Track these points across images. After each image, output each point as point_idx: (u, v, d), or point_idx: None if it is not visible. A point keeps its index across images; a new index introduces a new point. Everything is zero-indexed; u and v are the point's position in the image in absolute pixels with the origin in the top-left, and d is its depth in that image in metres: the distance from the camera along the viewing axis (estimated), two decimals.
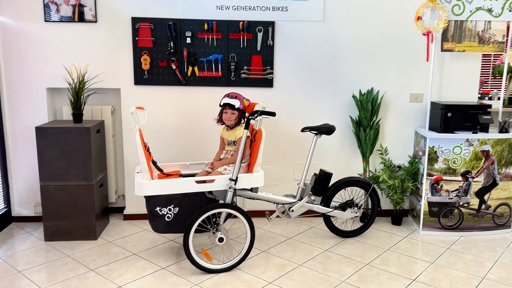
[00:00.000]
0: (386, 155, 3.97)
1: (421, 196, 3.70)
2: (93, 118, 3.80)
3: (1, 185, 3.75)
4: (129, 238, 3.56)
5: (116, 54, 3.70)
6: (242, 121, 3.29)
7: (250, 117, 3.02)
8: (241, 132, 3.16)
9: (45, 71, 3.68)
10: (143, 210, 3.89)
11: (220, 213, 3.04)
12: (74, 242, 3.48)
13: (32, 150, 3.76)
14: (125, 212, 3.95)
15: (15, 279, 2.90)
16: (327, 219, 3.58)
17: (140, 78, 3.73)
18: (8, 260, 3.18)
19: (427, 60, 3.66)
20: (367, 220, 3.64)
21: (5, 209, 3.79)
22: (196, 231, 2.94)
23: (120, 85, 3.75)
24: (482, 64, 3.97)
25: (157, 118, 3.81)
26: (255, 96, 3.80)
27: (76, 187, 3.42)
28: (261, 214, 3.90)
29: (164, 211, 2.99)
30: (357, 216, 3.55)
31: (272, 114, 3.01)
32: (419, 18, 3.58)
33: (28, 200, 3.87)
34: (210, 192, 3.07)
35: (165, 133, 3.85)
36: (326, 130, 3.35)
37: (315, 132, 3.35)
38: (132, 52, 3.69)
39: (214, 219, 3.03)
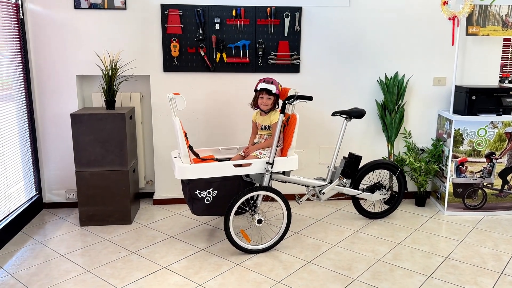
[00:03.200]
0: (409, 138, 4.06)
1: (445, 178, 3.79)
2: (122, 105, 3.84)
3: (32, 172, 3.79)
4: (162, 222, 3.64)
5: (146, 41, 3.73)
6: (277, 106, 3.35)
7: (286, 102, 3.08)
8: (276, 117, 3.22)
9: (75, 59, 3.71)
10: (172, 195, 3.99)
11: (258, 195, 3.12)
12: (110, 226, 3.55)
13: (62, 137, 3.81)
14: (155, 197, 4.01)
15: (60, 262, 2.98)
16: (356, 201, 3.67)
17: (170, 64, 3.76)
18: (48, 244, 3.24)
19: (453, 44, 3.73)
20: (394, 201, 3.73)
21: (37, 196, 3.84)
22: (234, 213, 3.02)
23: (149, 72, 3.79)
24: (502, 48, 4.04)
25: (186, 104, 3.84)
26: (282, 81, 3.81)
27: (111, 173, 3.47)
28: (288, 197, 3.97)
29: (204, 194, 3.06)
30: (385, 198, 3.64)
31: (309, 98, 3.07)
32: (445, 2, 3.63)
33: (58, 186, 3.92)
34: (247, 176, 3.14)
35: (194, 119, 3.90)
36: (356, 114, 3.41)
37: (346, 116, 3.42)
38: (161, 39, 3.72)
39: (252, 201, 3.11)
